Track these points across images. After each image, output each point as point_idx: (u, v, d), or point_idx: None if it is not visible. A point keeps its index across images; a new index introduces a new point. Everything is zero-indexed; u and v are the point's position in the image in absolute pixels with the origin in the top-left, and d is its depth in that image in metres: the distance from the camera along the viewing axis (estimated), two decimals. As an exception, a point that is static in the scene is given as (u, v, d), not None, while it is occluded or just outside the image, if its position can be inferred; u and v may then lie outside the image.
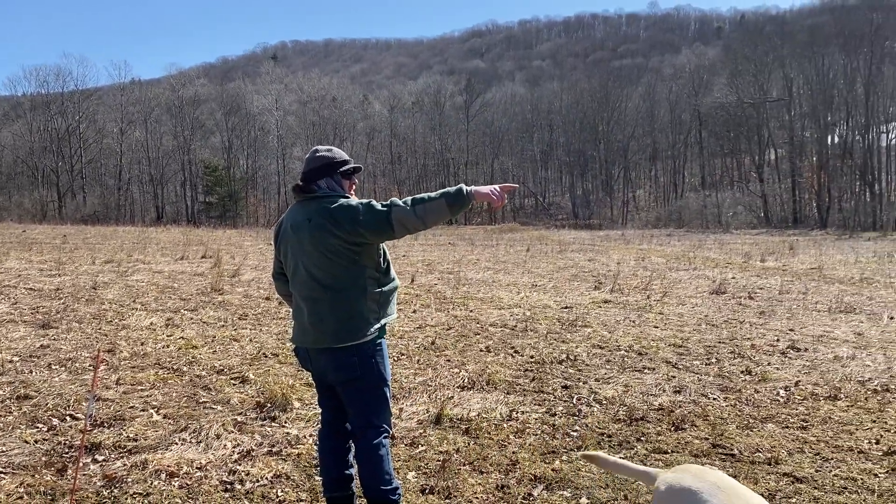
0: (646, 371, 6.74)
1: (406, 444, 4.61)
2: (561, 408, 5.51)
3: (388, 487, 3.21)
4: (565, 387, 6.14)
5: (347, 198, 3.21)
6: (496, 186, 3.15)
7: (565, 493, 3.88)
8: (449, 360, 7.09)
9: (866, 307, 10.88)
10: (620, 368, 6.84)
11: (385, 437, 3.28)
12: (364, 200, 3.15)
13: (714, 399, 5.79)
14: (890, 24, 54.29)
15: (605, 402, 5.68)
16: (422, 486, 3.94)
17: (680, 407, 5.53)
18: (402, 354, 7.38)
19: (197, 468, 4.12)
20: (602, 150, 69.61)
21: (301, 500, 3.77)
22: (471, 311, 10.48)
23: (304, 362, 3.34)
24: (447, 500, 3.77)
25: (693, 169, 72.29)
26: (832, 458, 4.42)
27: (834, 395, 5.89)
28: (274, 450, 4.45)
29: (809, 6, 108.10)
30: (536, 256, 21.87)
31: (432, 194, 3.10)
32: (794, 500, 3.78)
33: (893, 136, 56.58)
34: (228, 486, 3.90)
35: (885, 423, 5.16)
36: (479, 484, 3.99)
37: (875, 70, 52.82)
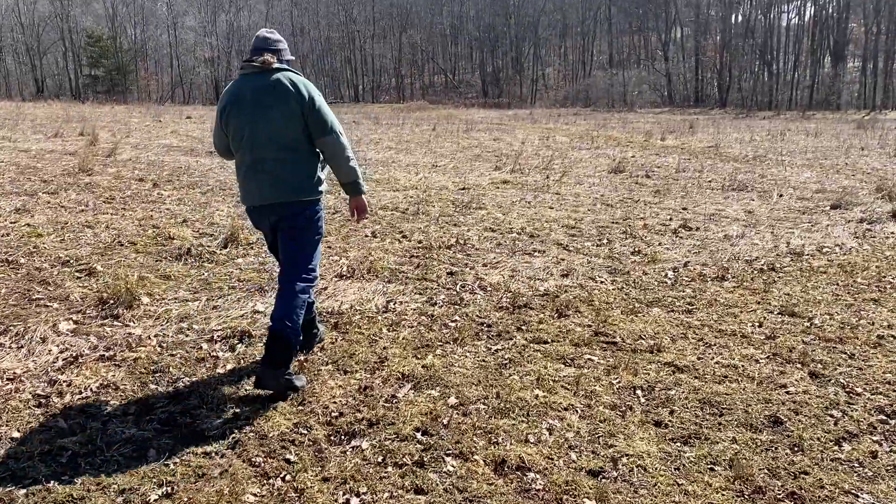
0: (535, 254, 6.46)
1: (263, 343, 4.14)
2: (443, 296, 5.15)
3: (293, 326, 3.40)
4: (451, 273, 5.78)
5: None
6: (367, 208, 3.93)
7: (433, 392, 3.55)
8: (330, 247, 6.57)
9: (758, 185, 10.96)
10: (510, 252, 6.52)
11: (311, 286, 3.61)
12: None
13: (601, 282, 5.57)
14: None
15: (489, 288, 5.36)
16: (270, 392, 3.48)
17: (566, 292, 5.27)
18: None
19: (8, 380, 3.54)
20: (512, 26, 67.78)
21: (128, 415, 3.26)
22: (363, 192, 9.90)
23: (258, 222, 3.67)
24: (300, 408, 3.36)
25: (602, 47, 71.67)
26: (715, 344, 4.26)
27: (721, 276, 5.78)
28: (108, 354, 3.89)
29: None
30: (442, 136, 21.19)
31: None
32: (673, 392, 3.57)
33: (793, 15, 57.38)
34: (42, 401, 3.35)
35: (769, 304, 5.06)
36: (340, 386, 3.60)
37: (782, -53, 52.72)
